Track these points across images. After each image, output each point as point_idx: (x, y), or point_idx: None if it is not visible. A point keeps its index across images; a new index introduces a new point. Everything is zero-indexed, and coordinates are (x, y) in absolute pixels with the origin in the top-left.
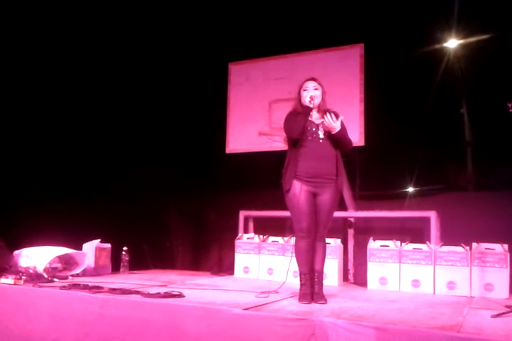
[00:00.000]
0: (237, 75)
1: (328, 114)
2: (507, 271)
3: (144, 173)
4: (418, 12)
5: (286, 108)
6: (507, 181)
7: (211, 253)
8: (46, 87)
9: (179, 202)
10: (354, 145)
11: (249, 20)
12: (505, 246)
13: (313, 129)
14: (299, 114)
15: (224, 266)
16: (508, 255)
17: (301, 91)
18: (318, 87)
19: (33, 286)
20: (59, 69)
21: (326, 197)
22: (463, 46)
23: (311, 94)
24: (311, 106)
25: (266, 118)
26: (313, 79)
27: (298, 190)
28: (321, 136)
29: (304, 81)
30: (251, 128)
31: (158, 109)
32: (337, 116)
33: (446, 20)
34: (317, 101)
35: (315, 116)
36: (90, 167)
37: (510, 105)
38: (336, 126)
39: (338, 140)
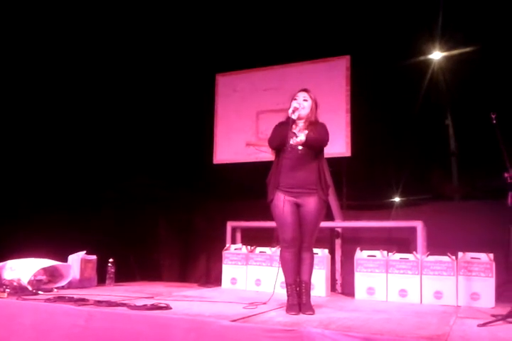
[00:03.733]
0: (224, 86)
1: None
2: (493, 280)
3: (130, 184)
4: (403, 25)
5: (274, 119)
6: (492, 191)
7: (198, 265)
8: (34, 96)
9: (166, 213)
10: (341, 155)
11: (237, 32)
12: (491, 255)
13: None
14: (283, 125)
15: (211, 277)
16: (494, 264)
17: (292, 100)
18: (308, 98)
19: (17, 299)
20: (50, 80)
21: (310, 207)
22: (447, 58)
23: (295, 105)
24: (294, 117)
25: (253, 128)
26: (305, 90)
27: (281, 200)
28: (300, 147)
29: (297, 91)
30: (238, 139)
31: (145, 120)
32: (321, 128)
33: (430, 32)
34: (304, 112)
35: (299, 128)
36: (76, 178)
37: (493, 116)
38: (298, 140)
39: (311, 147)
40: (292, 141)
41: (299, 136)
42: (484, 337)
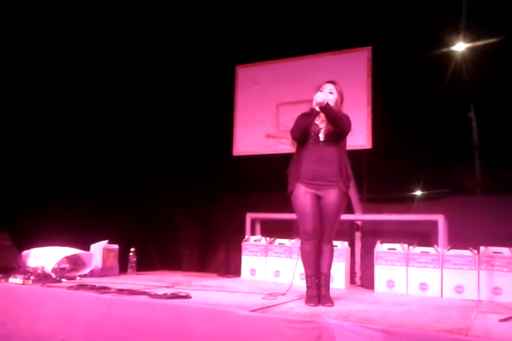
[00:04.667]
0: (244, 78)
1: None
2: None
3: (152, 174)
4: (426, 15)
5: (294, 110)
6: None
7: (218, 255)
8: (52, 85)
9: (187, 204)
10: (361, 148)
11: (257, 23)
12: None
13: (315, 132)
14: (307, 116)
15: (231, 268)
16: None
17: (317, 91)
18: (334, 91)
19: (41, 286)
20: (65, 69)
21: (330, 199)
22: (471, 49)
23: (318, 97)
24: (318, 109)
25: (273, 120)
26: (332, 82)
27: (301, 192)
28: (322, 138)
29: (324, 82)
30: (258, 131)
31: (166, 111)
32: (344, 117)
33: (454, 23)
34: None
35: (320, 119)
36: (99, 167)
37: None
38: (320, 99)
39: (329, 117)
40: (315, 101)
41: (324, 98)
42: (506, 331)
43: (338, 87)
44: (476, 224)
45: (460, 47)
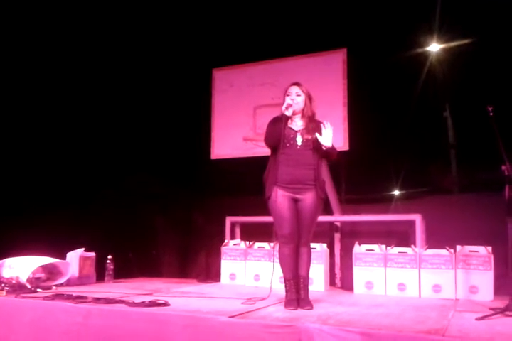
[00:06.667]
0: (221, 81)
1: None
2: (491, 273)
3: (128, 181)
4: (400, 16)
5: (271, 113)
6: (490, 183)
7: (198, 260)
8: (33, 94)
9: (164, 209)
10: (339, 149)
11: (233, 27)
12: (489, 248)
13: (291, 136)
14: (278, 122)
15: (211, 273)
16: (492, 257)
17: (285, 96)
18: (301, 93)
19: (15, 297)
20: (48, 80)
21: (307, 202)
22: (445, 50)
23: (289, 101)
24: (288, 113)
25: (251, 123)
26: (296, 84)
27: (279, 196)
28: (299, 143)
29: (289, 85)
30: (236, 134)
31: (142, 116)
32: (318, 127)
33: (428, 24)
34: (298, 107)
35: (296, 123)
36: (74, 175)
37: (490, 109)
38: (327, 142)
39: (326, 151)
40: (284, 107)
41: (325, 141)
42: (482, 330)
43: (304, 88)
44: (453, 222)
45: (434, 48)
